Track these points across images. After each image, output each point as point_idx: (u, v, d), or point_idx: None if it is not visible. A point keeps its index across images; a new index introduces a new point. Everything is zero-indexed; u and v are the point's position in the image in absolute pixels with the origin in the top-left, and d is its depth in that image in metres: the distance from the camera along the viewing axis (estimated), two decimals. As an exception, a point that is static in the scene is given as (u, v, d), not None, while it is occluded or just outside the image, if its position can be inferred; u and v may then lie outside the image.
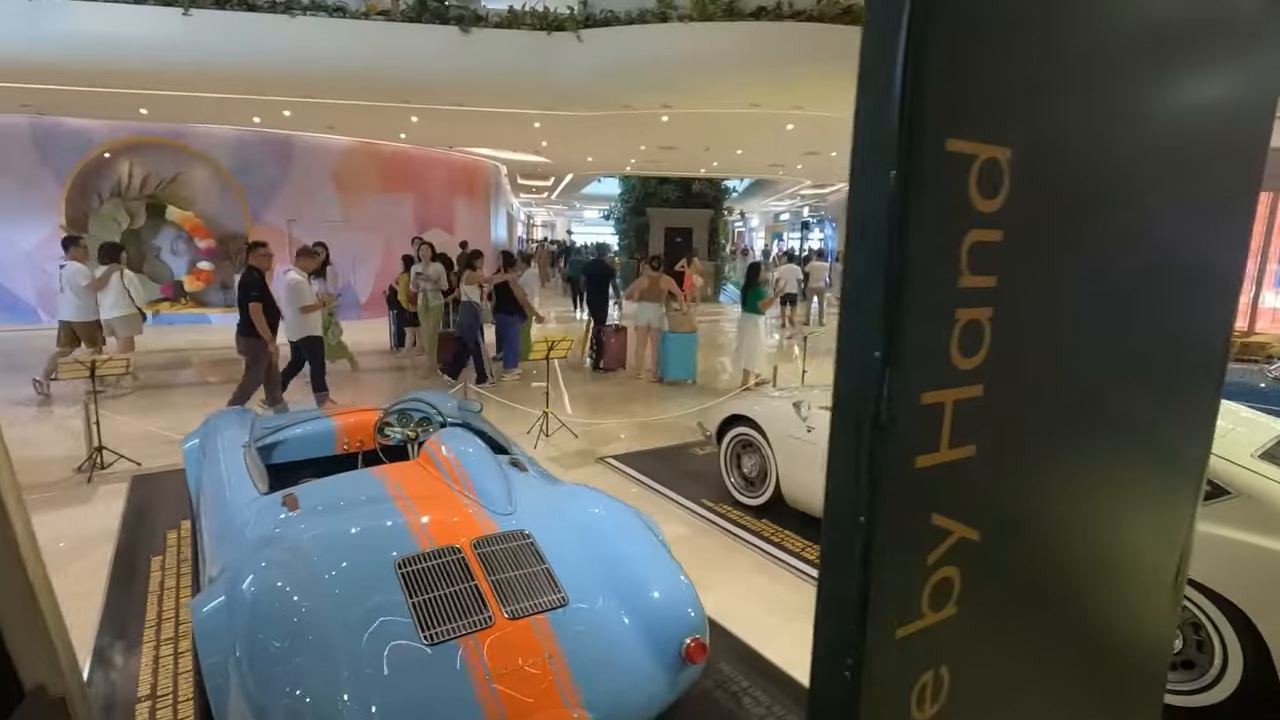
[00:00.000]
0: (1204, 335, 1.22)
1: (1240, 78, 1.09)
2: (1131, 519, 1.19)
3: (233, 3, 8.56)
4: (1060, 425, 0.97)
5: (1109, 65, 0.88)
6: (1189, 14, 0.97)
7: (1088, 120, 0.88)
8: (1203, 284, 1.19)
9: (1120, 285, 1.00)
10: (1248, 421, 3.05)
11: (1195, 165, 1.07)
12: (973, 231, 0.79)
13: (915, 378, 0.78)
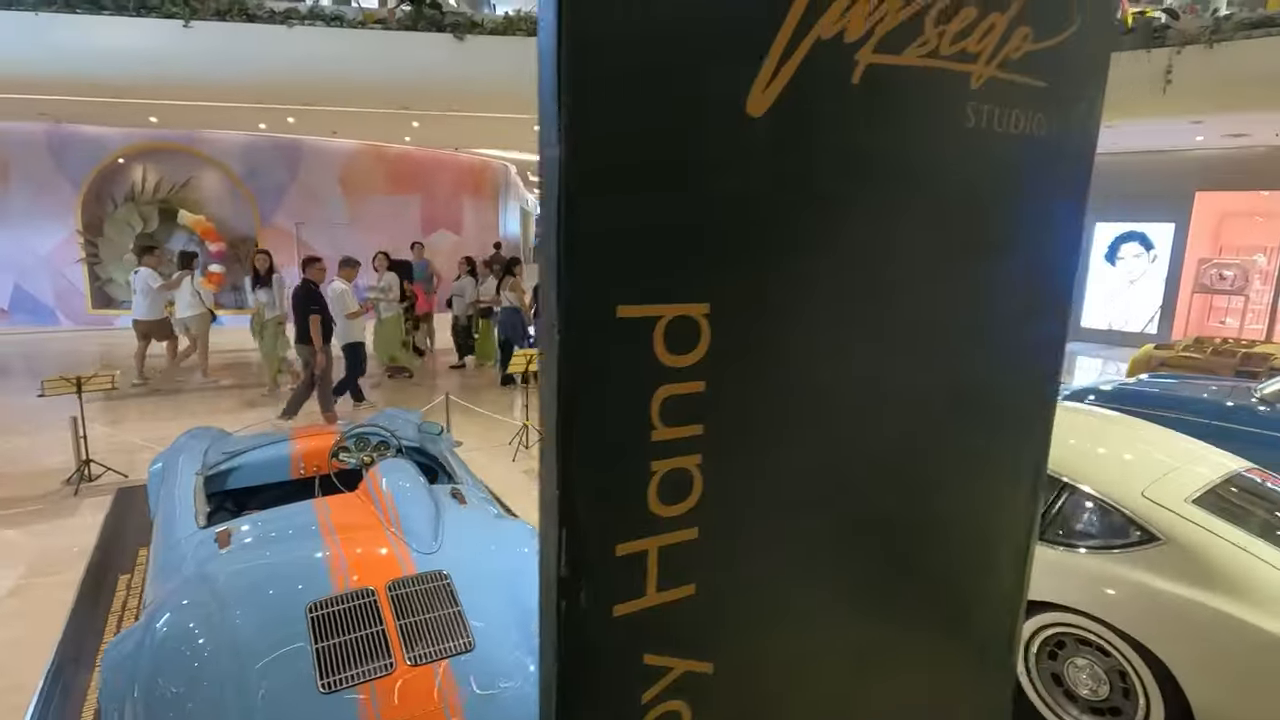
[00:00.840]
0: (979, 447, 1.20)
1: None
2: (899, 652, 1.15)
3: (233, 13, 8.71)
4: (797, 555, 0.97)
5: (796, 209, 0.88)
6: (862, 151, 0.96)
7: (789, 263, 0.88)
8: (976, 399, 1.18)
9: (855, 417, 0.99)
10: (1198, 459, 2.98)
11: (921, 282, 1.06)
12: (664, 387, 0.80)
13: (605, 531, 0.80)
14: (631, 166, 0.74)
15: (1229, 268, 11.77)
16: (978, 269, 1.07)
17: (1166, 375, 6.46)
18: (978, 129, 0.99)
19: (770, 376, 0.88)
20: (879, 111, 0.90)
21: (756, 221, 0.83)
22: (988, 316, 1.11)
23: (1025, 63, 1.02)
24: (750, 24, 0.78)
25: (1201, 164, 11.67)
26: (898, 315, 0.99)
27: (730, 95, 0.78)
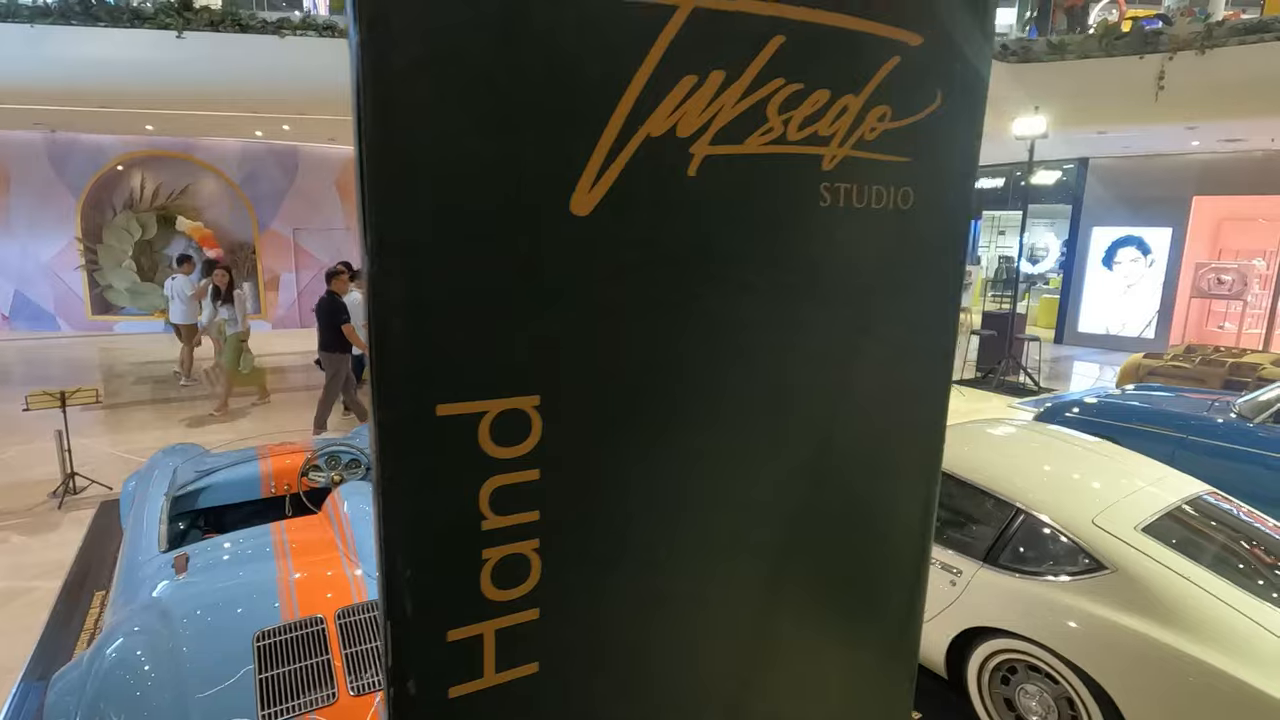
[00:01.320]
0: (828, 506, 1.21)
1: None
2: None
3: (226, 24, 8.78)
4: (649, 627, 0.99)
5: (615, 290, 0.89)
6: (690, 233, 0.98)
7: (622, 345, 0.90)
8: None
9: (707, 497, 1.01)
10: (1156, 484, 2.98)
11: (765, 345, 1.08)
12: (494, 478, 0.82)
13: (435, 620, 0.82)
14: (449, 268, 0.76)
15: (1227, 272, 11.69)
16: (844, 342, 1.09)
17: (1152, 386, 6.44)
18: (833, 208, 1.01)
19: (610, 461, 0.91)
20: (719, 200, 0.91)
21: (588, 315, 0.85)
22: (855, 390, 1.13)
23: (885, 140, 1.03)
24: (572, 126, 0.80)
25: (1199, 168, 11.60)
26: (751, 394, 1.01)
27: (552, 196, 0.80)
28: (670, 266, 0.90)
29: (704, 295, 0.94)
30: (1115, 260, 12.60)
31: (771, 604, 1.10)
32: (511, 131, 0.76)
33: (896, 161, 1.06)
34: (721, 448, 1.00)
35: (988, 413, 8.21)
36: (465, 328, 0.78)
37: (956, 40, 1.08)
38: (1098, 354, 12.44)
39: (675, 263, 0.90)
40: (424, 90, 0.71)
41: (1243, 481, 4.57)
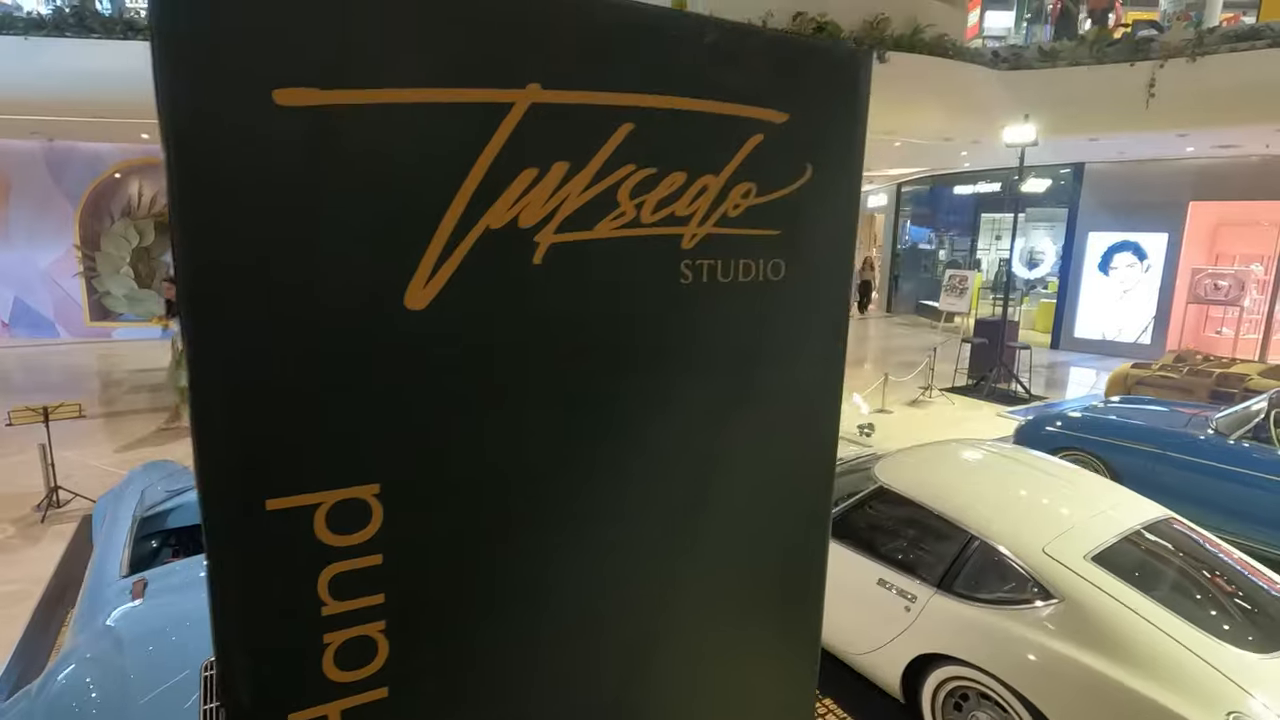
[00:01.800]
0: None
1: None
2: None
3: (219, 34, 8.84)
4: (504, 699, 1.01)
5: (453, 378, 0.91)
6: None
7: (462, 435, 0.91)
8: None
9: (558, 581, 1.02)
10: (1115, 509, 2.97)
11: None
12: (333, 565, 0.84)
13: (274, 705, 0.84)
14: (275, 363, 0.78)
15: (1224, 278, 11.61)
16: (716, 411, 1.10)
17: (1138, 398, 6.41)
18: (695, 285, 1.03)
19: (457, 543, 0.92)
20: (569, 286, 0.93)
21: (426, 404, 0.87)
22: (733, 456, 1.14)
23: (750, 216, 1.05)
24: (402, 224, 0.82)
25: (1195, 173, 11.53)
26: (615, 470, 1.03)
27: (384, 293, 0.82)
28: (518, 352, 0.92)
29: (557, 377, 0.96)
30: (1111, 266, 12.54)
31: (634, 678, 1.12)
32: (337, 233, 0.78)
33: (765, 235, 1.07)
34: (579, 528, 1.02)
35: (976, 421, 8.20)
36: (294, 421, 0.80)
37: (824, 115, 1.09)
38: (1094, 360, 12.38)
39: (523, 348, 0.92)
40: (240, 197, 0.73)
41: (1220, 498, 4.56)
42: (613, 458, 1.02)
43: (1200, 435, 4.76)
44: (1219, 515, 4.56)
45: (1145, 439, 4.94)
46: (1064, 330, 13.22)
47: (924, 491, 3.06)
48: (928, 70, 8.67)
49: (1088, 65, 9.09)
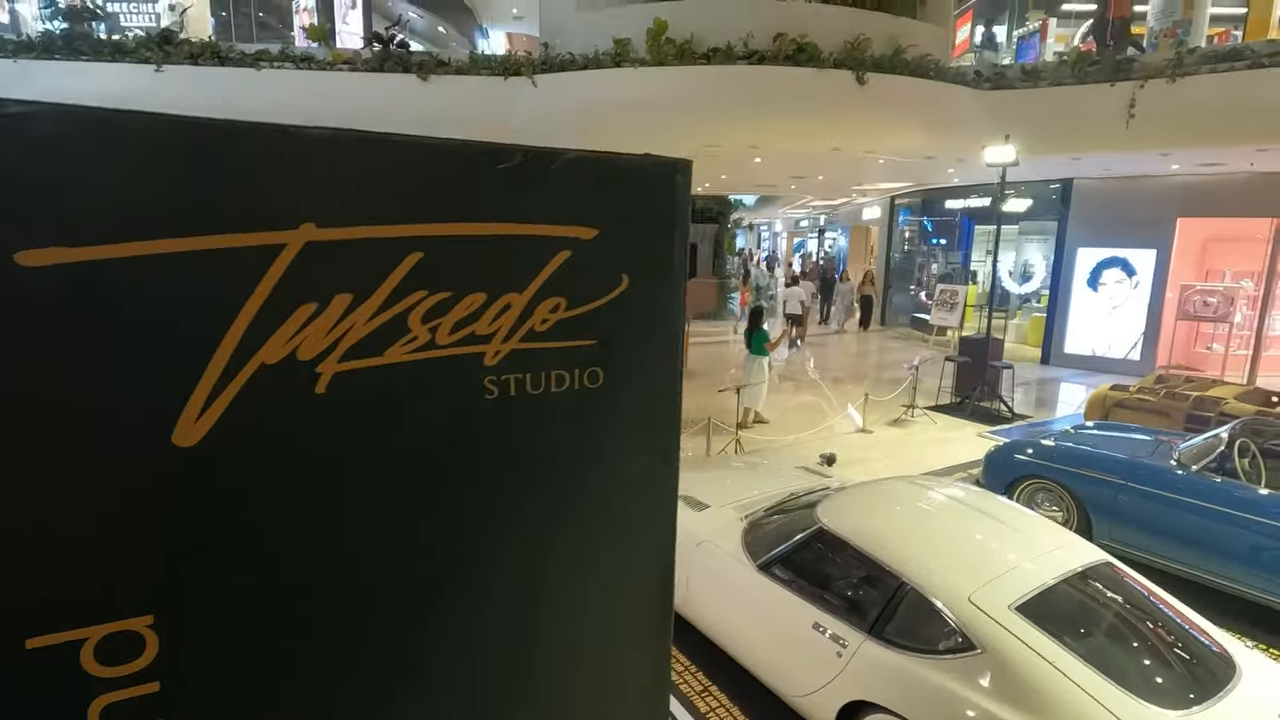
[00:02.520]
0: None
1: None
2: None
3: (205, 56, 8.95)
4: None
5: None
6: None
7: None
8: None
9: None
10: (1048, 553, 2.97)
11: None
12: (104, 697, 0.86)
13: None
14: (36, 500, 0.80)
15: (1213, 294, 11.57)
16: (532, 525, 1.12)
17: (1110, 424, 6.39)
18: (501, 399, 1.04)
19: (237, 670, 0.94)
20: (356, 413, 0.95)
21: (200, 537, 0.89)
22: (551, 570, 1.16)
23: (562, 329, 1.07)
24: (171, 364, 0.84)
25: (1182, 190, 11.52)
26: (419, 595, 1.04)
27: (149, 431, 0.84)
28: (298, 483, 0.93)
29: (348, 502, 0.98)
30: (1100, 281, 12.52)
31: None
32: (98, 379, 0.80)
33: (579, 345, 1.09)
34: (371, 658, 1.03)
35: (956, 443, 8.18)
36: (56, 560, 0.82)
37: (639, 226, 1.11)
38: (1083, 376, 12.34)
39: (303, 480, 0.94)
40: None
41: (1182, 531, 4.54)
42: (412, 582, 1.04)
43: (1163, 466, 4.75)
44: (1181, 548, 4.55)
45: (1109, 469, 4.93)
46: (1054, 346, 13.19)
47: (861, 535, 3.06)
48: (908, 91, 8.71)
49: (1069, 85, 9.12)
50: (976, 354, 9.80)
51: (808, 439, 8.18)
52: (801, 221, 35.28)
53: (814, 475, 4.59)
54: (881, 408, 9.29)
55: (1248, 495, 4.30)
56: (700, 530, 3.82)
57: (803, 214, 31.52)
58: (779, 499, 4.02)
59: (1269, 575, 4.15)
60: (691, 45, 8.54)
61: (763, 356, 8.43)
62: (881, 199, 18.65)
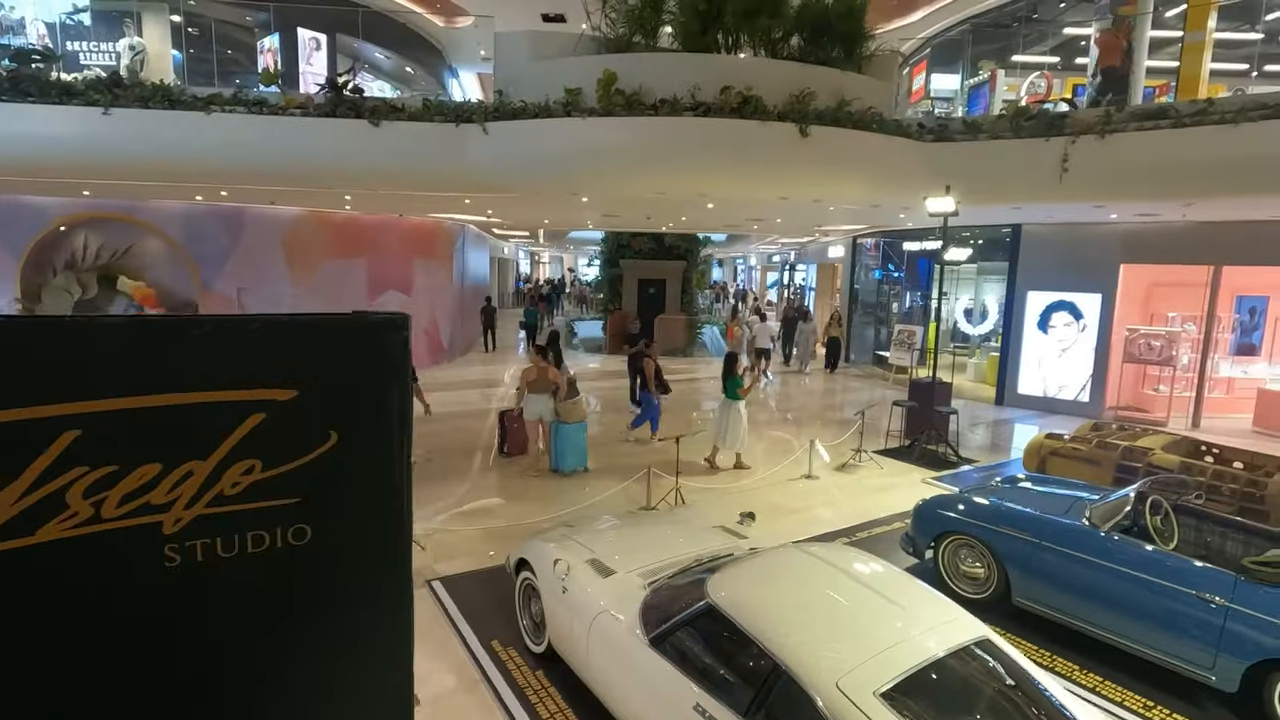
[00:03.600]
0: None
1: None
2: None
3: (156, 99, 8.95)
4: None
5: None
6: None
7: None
8: None
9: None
10: (933, 627, 2.97)
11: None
12: None
13: None
14: None
15: (1156, 338, 11.88)
16: (240, 689, 1.10)
17: (1039, 477, 6.45)
18: (187, 566, 1.03)
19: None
20: (10, 592, 0.93)
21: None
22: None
23: (258, 489, 1.06)
24: None
25: (1124, 237, 11.88)
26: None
27: None
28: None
29: (17, 677, 0.95)
30: (1050, 324, 12.79)
31: None
32: None
33: (280, 505, 1.09)
34: None
35: (900, 489, 8.21)
36: None
37: (347, 383, 1.12)
38: (1035, 417, 12.53)
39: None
40: None
41: (1090, 590, 4.57)
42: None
43: (1075, 524, 4.80)
44: (1092, 609, 4.57)
45: (1024, 527, 4.97)
46: (1008, 386, 13.40)
47: (745, 612, 3.05)
48: (850, 143, 8.95)
49: (1007, 139, 9.42)
50: (924, 398, 9.91)
51: (753, 485, 8.19)
52: (773, 256, 35.82)
53: (730, 536, 4.58)
54: (830, 452, 9.33)
55: (1154, 557, 4.35)
56: (601, 599, 3.78)
57: (775, 249, 32.02)
58: (684, 565, 3.99)
59: (1173, 639, 4.18)
60: (640, 96, 8.73)
61: (737, 400, 8.57)
62: (845, 238, 19.00)
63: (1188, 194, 8.60)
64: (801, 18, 9.70)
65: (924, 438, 9.57)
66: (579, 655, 3.85)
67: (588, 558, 4.20)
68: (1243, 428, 11.72)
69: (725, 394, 8.71)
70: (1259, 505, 6.06)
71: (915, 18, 14.83)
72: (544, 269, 49.52)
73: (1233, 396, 12.50)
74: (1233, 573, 4.05)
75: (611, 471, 8.42)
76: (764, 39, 9.62)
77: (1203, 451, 7.26)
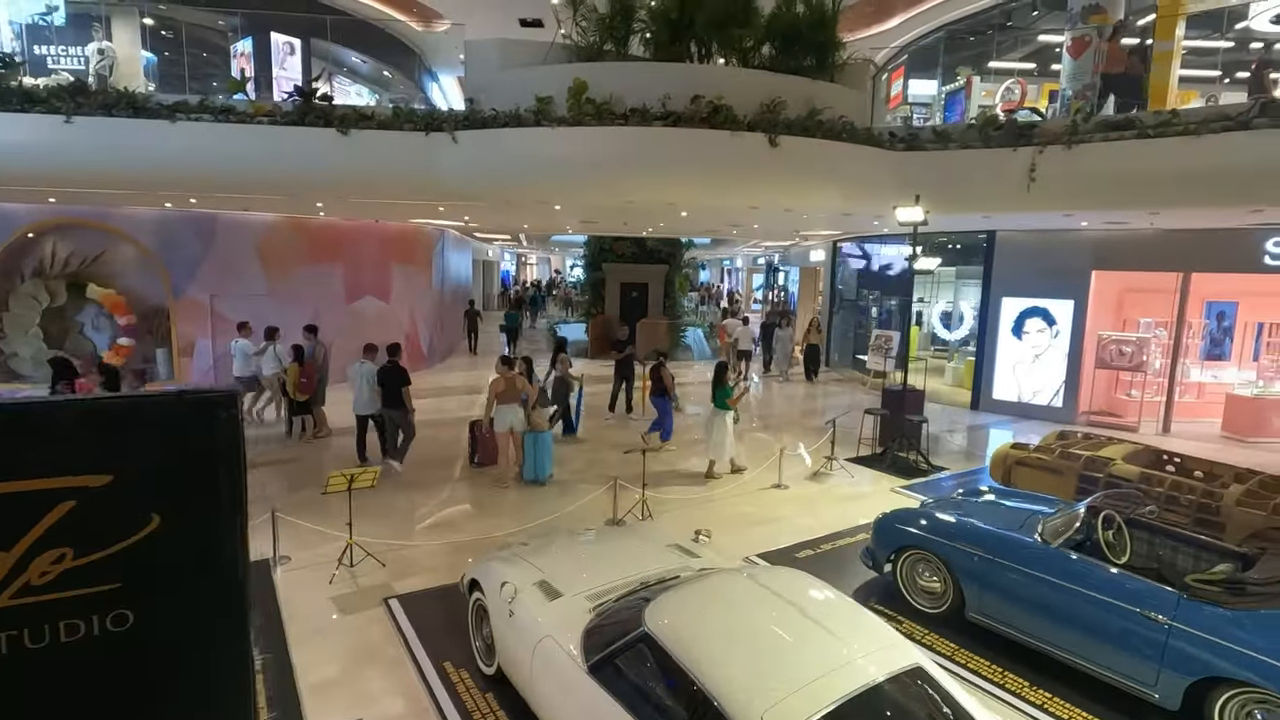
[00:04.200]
0: None
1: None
2: None
3: (120, 107, 8.84)
4: None
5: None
6: None
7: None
8: None
9: None
10: (865, 655, 2.96)
11: None
12: None
13: None
14: None
15: (1127, 344, 11.99)
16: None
17: (1001, 489, 6.47)
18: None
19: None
20: None
21: None
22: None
23: (70, 578, 1.04)
24: None
25: (1095, 244, 11.99)
26: None
27: None
28: None
29: None
30: (1024, 330, 12.88)
31: None
32: None
33: (96, 592, 1.06)
34: None
35: (870, 499, 8.24)
36: None
37: (169, 465, 1.10)
38: (1010, 422, 12.62)
39: None
40: None
41: (1041, 606, 4.59)
42: None
43: (1026, 540, 4.83)
44: (1042, 626, 4.59)
45: (977, 542, 5.00)
46: (983, 392, 13.49)
47: (678, 642, 3.04)
48: (819, 153, 8.97)
49: (976, 148, 9.47)
50: (896, 406, 9.95)
51: (722, 495, 8.19)
52: (759, 259, 35.90)
53: (684, 555, 4.56)
54: (804, 460, 9.36)
55: (1100, 574, 4.38)
56: (546, 623, 3.76)
57: (760, 252, 32.09)
58: (632, 586, 3.98)
59: (1118, 656, 4.21)
60: (610, 105, 8.70)
61: (726, 411, 8.64)
62: (826, 242, 19.07)
63: (1153, 204, 8.68)
64: (772, 27, 9.72)
65: (895, 445, 9.61)
66: (525, 680, 3.84)
67: (537, 579, 4.17)
68: (1213, 432, 11.86)
69: (714, 403, 8.78)
70: (1215, 517, 6.12)
71: (891, 24, 14.90)
72: (531, 270, 49.41)
73: (1203, 401, 12.64)
74: (1176, 591, 4.08)
75: (582, 482, 8.40)
76: (736, 48, 9.63)
77: (1164, 461, 7.34)
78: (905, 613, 5.37)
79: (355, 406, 8.82)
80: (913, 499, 8.06)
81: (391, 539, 6.51)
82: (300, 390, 9.71)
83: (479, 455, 8.99)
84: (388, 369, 8.46)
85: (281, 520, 6.12)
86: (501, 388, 8.06)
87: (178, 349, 12.78)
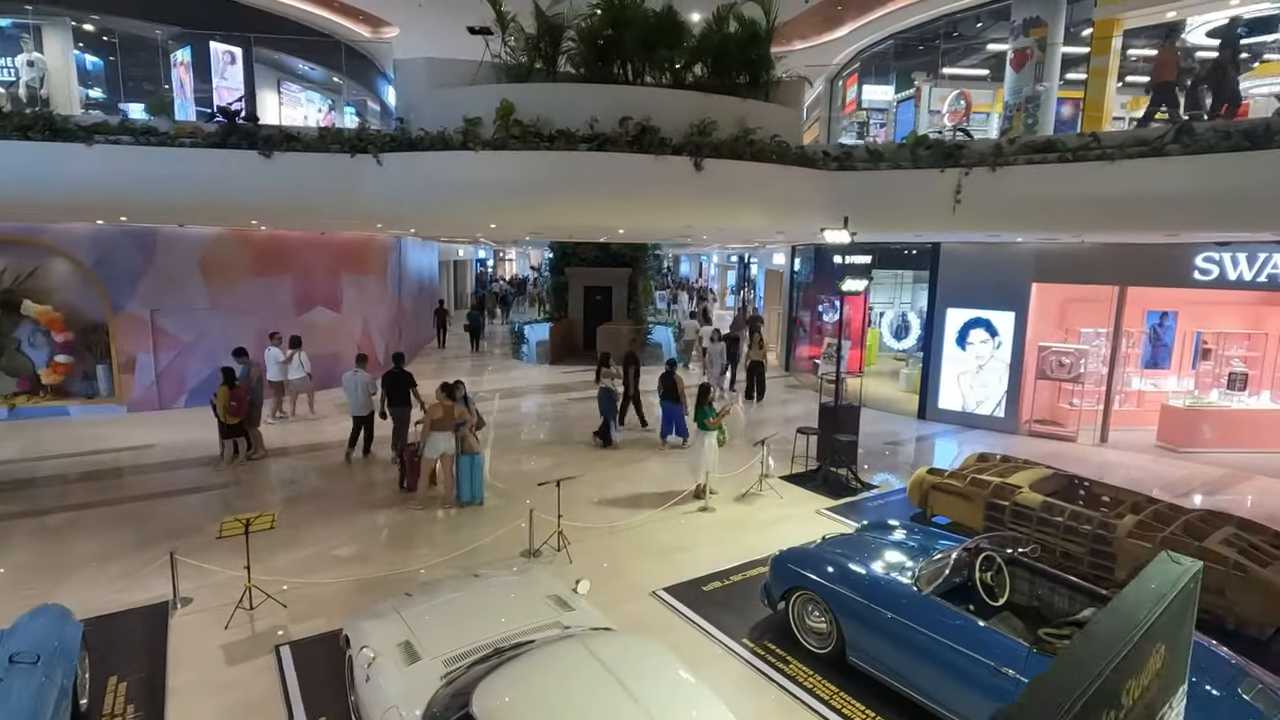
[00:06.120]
0: None
1: None
2: None
3: (37, 129, 8.66)
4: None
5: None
6: None
7: None
8: None
9: None
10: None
11: None
12: None
13: None
14: None
15: (1066, 355, 12.14)
16: None
17: (902, 525, 6.50)
18: None
19: None
20: None
21: None
22: None
23: None
24: None
25: (1036, 257, 12.09)
26: None
27: None
28: None
29: None
30: (968, 341, 13.00)
31: None
32: None
33: None
34: None
35: (792, 521, 8.30)
36: None
37: None
38: (955, 432, 12.76)
39: None
40: None
41: (909, 651, 4.63)
42: None
43: (902, 586, 4.89)
44: (914, 675, 4.64)
45: (855, 586, 5.06)
46: (929, 401, 13.62)
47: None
48: (746, 175, 8.96)
49: (906, 168, 9.50)
50: (830, 423, 10.01)
51: (645, 522, 8.22)
52: (731, 256, 35.90)
53: (558, 607, 4.58)
54: (735, 480, 9.40)
55: (959, 624, 4.44)
56: (395, 693, 3.77)
57: (731, 250, 32.07)
58: (491, 648, 3.99)
59: (977, 707, 4.28)
60: (539, 126, 8.64)
61: (708, 432, 8.73)
62: (784, 245, 19.08)
63: (1074, 228, 8.77)
64: (702, 47, 9.67)
65: (828, 462, 9.68)
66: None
67: (401, 639, 4.18)
68: (1148, 442, 12.06)
69: (696, 423, 8.91)
70: (1108, 548, 6.23)
71: (842, 32, 14.87)
72: (510, 266, 49.13)
73: (1142, 410, 12.84)
74: (1026, 644, 4.16)
75: (507, 507, 8.41)
76: (666, 68, 9.57)
77: (1075, 486, 7.46)
78: (795, 653, 5.43)
79: (353, 409, 10.15)
80: (839, 522, 8.15)
81: (301, 576, 6.49)
82: (231, 413, 9.61)
83: (408, 480, 8.97)
84: (395, 375, 9.73)
85: (188, 559, 6.09)
86: (439, 415, 8.05)
87: (118, 365, 12.62)
